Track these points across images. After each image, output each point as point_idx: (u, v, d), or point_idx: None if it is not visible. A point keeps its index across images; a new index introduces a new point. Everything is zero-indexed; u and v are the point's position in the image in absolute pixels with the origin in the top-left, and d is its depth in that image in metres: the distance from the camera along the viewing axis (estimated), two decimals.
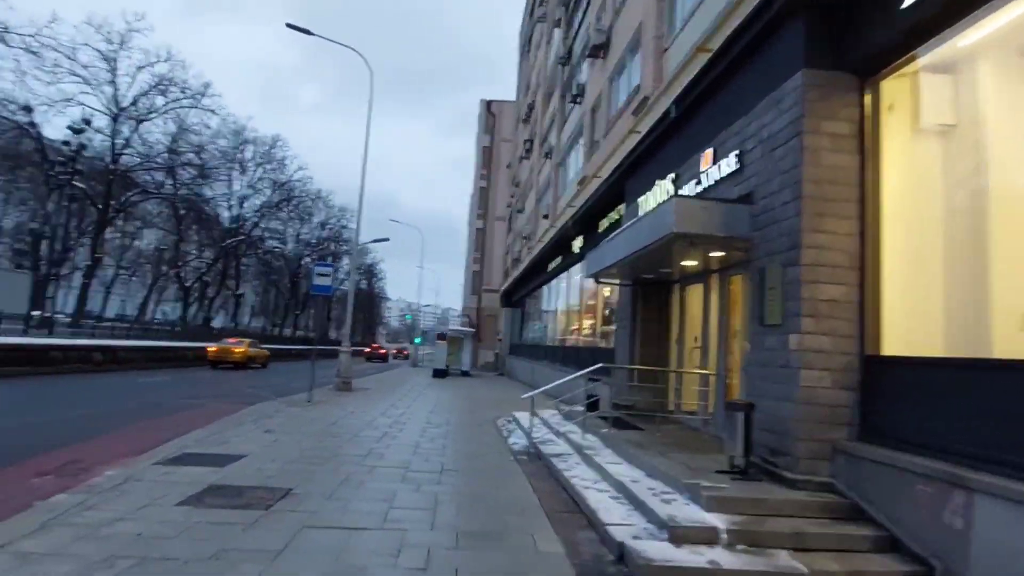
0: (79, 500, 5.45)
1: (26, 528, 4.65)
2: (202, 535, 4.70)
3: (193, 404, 14.08)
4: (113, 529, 4.73)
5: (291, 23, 18.62)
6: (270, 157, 43.81)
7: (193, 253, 43.53)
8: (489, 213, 51.15)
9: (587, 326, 18.71)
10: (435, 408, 15.13)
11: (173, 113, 31.49)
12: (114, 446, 8.73)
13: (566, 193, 23.34)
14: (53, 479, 6.58)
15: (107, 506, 5.32)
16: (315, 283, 14.66)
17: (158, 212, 45.59)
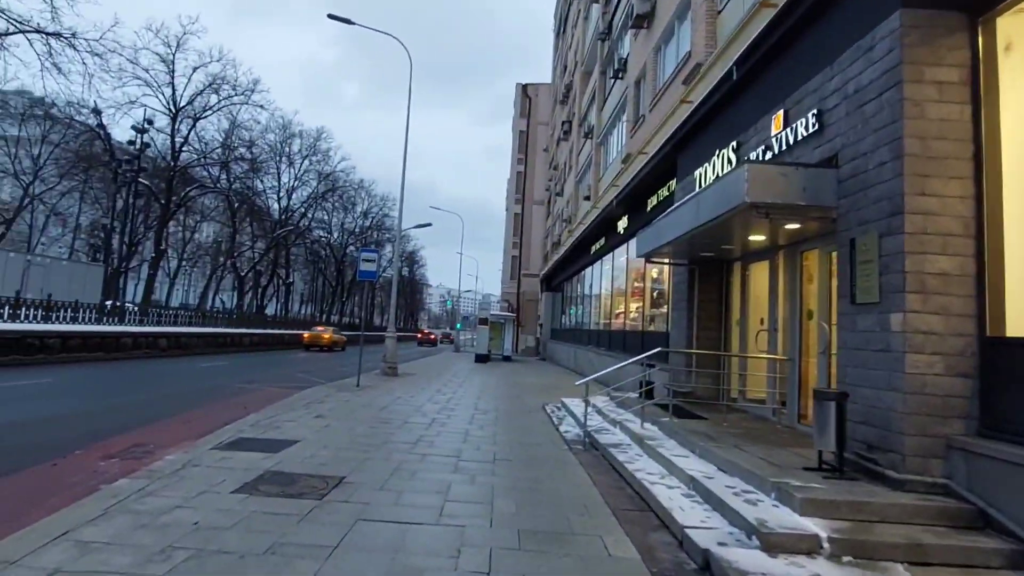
0: (141, 486, 5.25)
1: (90, 514, 4.48)
2: (257, 526, 4.40)
3: (248, 388, 13.90)
4: (172, 517, 4.49)
5: (332, 14, 18.32)
6: (315, 149, 44.06)
7: (246, 244, 44.10)
8: (527, 197, 50.40)
9: (634, 309, 17.95)
10: (481, 394, 14.65)
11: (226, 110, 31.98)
12: (175, 430, 8.55)
13: (608, 173, 22.50)
14: (118, 462, 6.52)
15: (167, 492, 5.13)
16: (361, 269, 14.28)
17: (215, 207, 46.39)
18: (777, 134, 7.50)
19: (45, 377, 14.06)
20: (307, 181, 44.25)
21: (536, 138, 50.44)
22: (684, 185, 11.09)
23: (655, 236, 9.70)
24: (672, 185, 13.06)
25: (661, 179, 13.85)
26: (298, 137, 43.30)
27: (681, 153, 11.65)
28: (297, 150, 43.69)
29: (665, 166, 13.03)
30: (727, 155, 9.09)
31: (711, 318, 10.74)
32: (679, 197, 11.33)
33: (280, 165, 43.48)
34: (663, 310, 15.06)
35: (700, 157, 10.45)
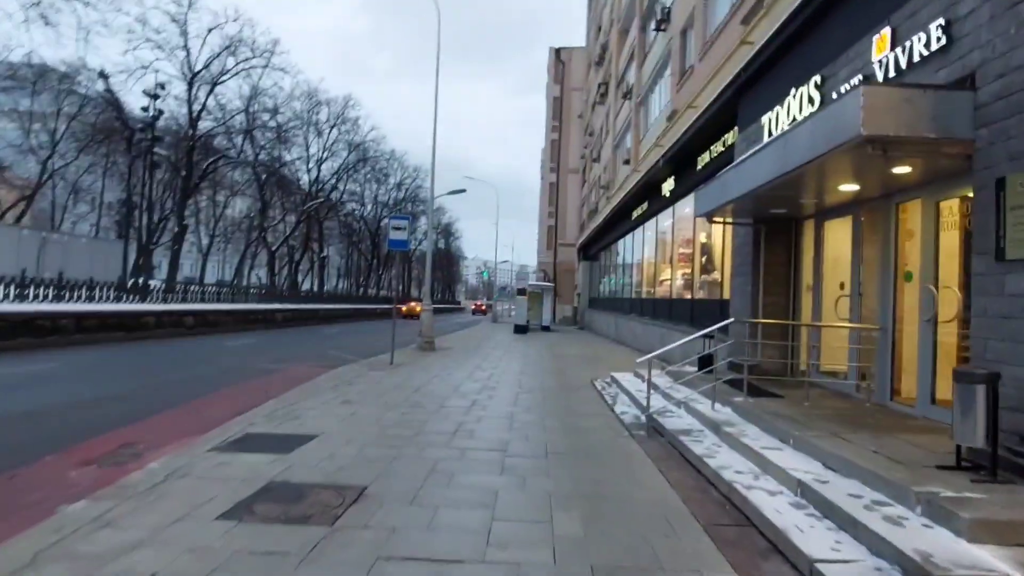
0: (101, 511, 4.12)
1: (11, 563, 3.32)
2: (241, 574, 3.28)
3: (274, 369, 13.13)
4: (122, 565, 3.34)
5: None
6: (344, 118, 42.86)
7: (277, 218, 43.57)
8: (562, 166, 48.76)
9: (680, 276, 16.62)
10: (523, 368, 13.62)
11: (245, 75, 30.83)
12: (179, 422, 7.67)
13: (650, 134, 20.96)
14: (95, 471, 5.42)
15: (132, 520, 3.97)
16: (392, 238, 13.27)
17: (245, 181, 45.96)
18: (881, 58, 6.09)
19: (51, 362, 13.19)
20: (336, 152, 43.24)
21: (570, 104, 48.55)
22: (748, 134, 9.69)
23: (719, 192, 8.39)
24: (730, 138, 11.64)
25: (716, 133, 12.41)
26: (325, 105, 42.17)
27: (743, 99, 10.22)
28: (325, 119, 42.59)
29: (722, 117, 11.59)
30: (806, 93, 7.68)
31: (778, 283, 9.42)
32: (741, 149, 9.95)
33: (308, 135, 42.48)
34: (714, 276, 13.74)
35: (768, 100, 9.03)
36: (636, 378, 10.81)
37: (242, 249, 51.39)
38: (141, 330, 20.07)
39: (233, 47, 29.07)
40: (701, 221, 14.78)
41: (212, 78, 29.05)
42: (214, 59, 29.10)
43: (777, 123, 8.48)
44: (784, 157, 6.02)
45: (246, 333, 23.87)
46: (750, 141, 9.57)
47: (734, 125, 11.30)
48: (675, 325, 15.53)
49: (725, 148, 11.93)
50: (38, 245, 24.54)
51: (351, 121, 43.84)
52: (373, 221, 54.59)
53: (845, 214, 8.04)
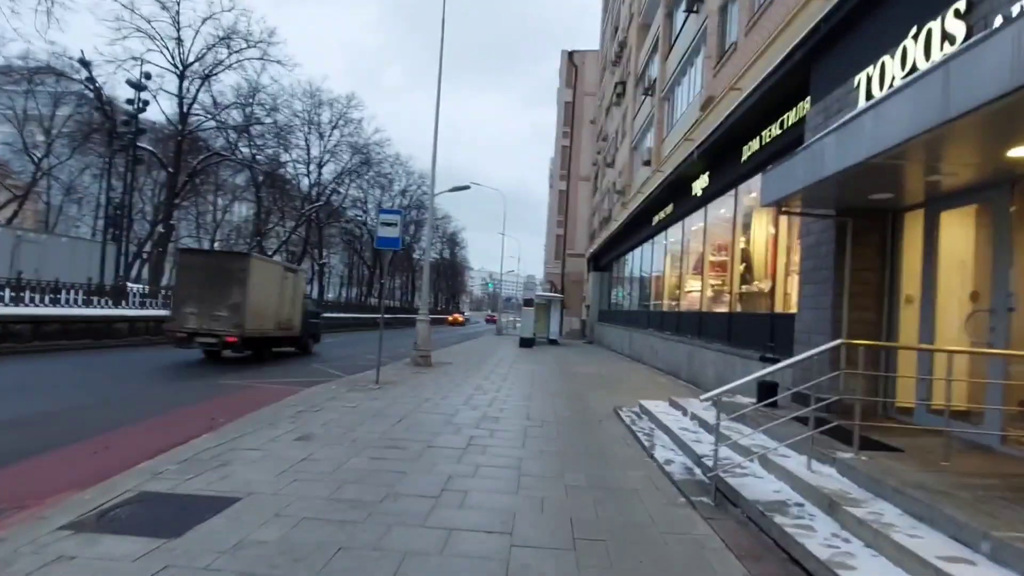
0: None
1: None
2: None
3: (241, 386, 11.05)
4: None
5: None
6: (347, 118, 40.83)
7: (275, 222, 41.59)
8: (572, 173, 46.81)
9: (712, 286, 14.49)
10: (532, 391, 11.48)
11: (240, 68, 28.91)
12: (65, 466, 5.66)
13: (676, 129, 18.91)
14: None
15: None
16: (380, 235, 11.20)
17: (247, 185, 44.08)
18: None
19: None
20: (339, 155, 41.15)
21: (583, 110, 46.67)
22: (831, 102, 7.58)
23: (809, 169, 6.23)
24: (791, 117, 9.57)
25: (770, 113, 10.33)
26: (328, 107, 40.15)
27: (819, 63, 8.13)
28: (327, 120, 40.60)
29: (781, 92, 9.55)
30: (938, 29, 5.58)
31: (868, 294, 7.27)
32: (816, 124, 7.86)
33: (309, 136, 40.49)
34: (758, 286, 11.63)
35: (860, 57, 6.95)
36: (673, 408, 8.67)
37: None
38: (113, 337, 18.08)
39: (228, 38, 27.25)
40: (741, 222, 12.71)
41: (205, 70, 27.22)
42: (208, 51, 27.26)
43: (883, 80, 6.38)
44: (946, 103, 3.92)
45: None
46: (830, 112, 7.49)
47: (798, 100, 9.24)
48: (706, 343, 13.38)
49: (784, 129, 9.85)
50: (11, 244, 22.55)
51: (355, 122, 41.89)
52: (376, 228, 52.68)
53: (975, 200, 5.94)
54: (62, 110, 32.96)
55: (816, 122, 7.84)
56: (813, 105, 8.15)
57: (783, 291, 10.23)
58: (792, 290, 9.86)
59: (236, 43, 27.68)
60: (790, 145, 9.72)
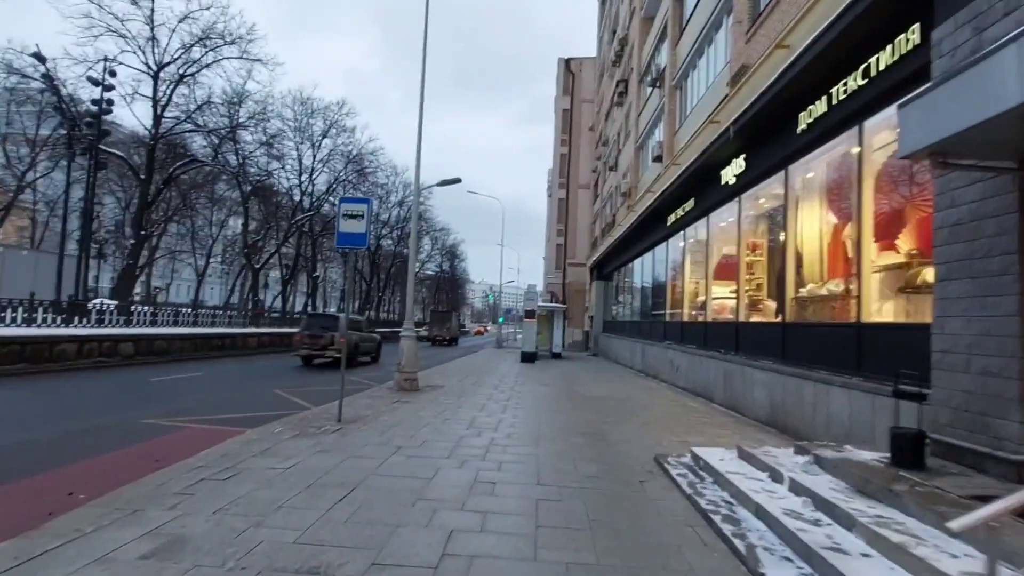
0: None
1: None
2: None
3: (161, 428, 8.18)
4: None
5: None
6: (339, 126, 38.06)
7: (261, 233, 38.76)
8: (572, 181, 44.20)
9: (752, 291, 11.73)
10: (540, 427, 8.64)
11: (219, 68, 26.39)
12: None
13: (693, 116, 16.28)
14: None
15: None
16: (341, 230, 8.43)
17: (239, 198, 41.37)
18: None
19: None
20: (331, 164, 38.23)
21: (581, 117, 44.16)
22: (981, 21, 4.84)
23: (978, 95, 3.53)
24: (883, 60, 6.84)
25: (846, 63, 7.63)
26: (320, 116, 37.38)
27: None
28: (320, 131, 37.88)
29: (864, 28, 6.86)
30: None
31: None
32: (953, 45, 5.13)
33: (300, 146, 37.76)
34: (820, 289, 8.87)
35: None
36: (749, 463, 5.84)
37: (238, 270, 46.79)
38: (55, 360, 15.18)
39: (206, 37, 24.54)
40: (794, 210, 9.95)
41: (179, 71, 24.65)
42: (184, 51, 24.52)
43: None
44: None
45: (202, 363, 18.88)
46: (988, 19, 4.76)
47: (896, 33, 6.54)
48: (749, 359, 10.61)
49: (872, 77, 7.12)
50: None
51: (348, 131, 39.16)
52: (373, 240, 49.85)
53: None
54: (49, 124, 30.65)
55: (957, 41, 5.11)
56: (941, 23, 5.41)
57: (873, 293, 7.45)
58: (870, 291, 7.10)
59: (214, 41, 25.06)
60: (881, 97, 7.01)
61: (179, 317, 21.74)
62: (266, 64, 27.82)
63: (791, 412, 8.70)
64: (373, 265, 51.84)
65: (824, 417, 7.75)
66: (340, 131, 38.40)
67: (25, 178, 32.72)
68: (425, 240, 60.00)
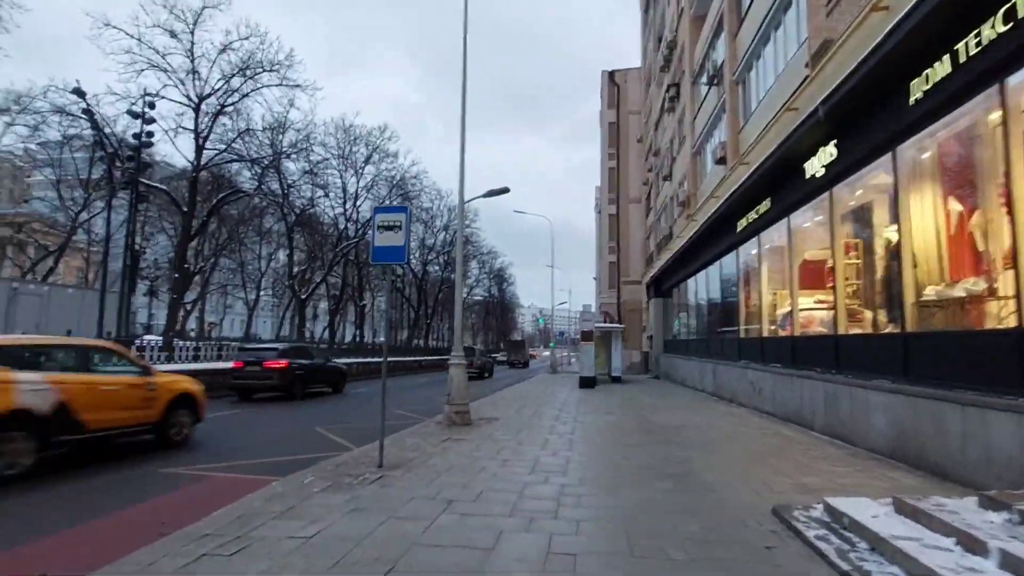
0: None
1: None
2: None
3: (192, 476, 7.28)
4: None
5: None
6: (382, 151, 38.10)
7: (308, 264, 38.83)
8: (622, 196, 42.83)
9: (850, 297, 10.15)
10: (618, 467, 7.32)
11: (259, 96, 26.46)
12: None
13: (761, 109, 14.91)
14: None
15: None
16: (377, 244, 7.45)
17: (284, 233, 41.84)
18: None
19: None
20: (375, 190, 38.22)
21: (628, 129, 42.95)
22: None
23: None
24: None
25: (971, 15, 6.23)
26: (362, 142, 37.49)
27: None
28: (363, 158, 37.99)
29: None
30: None
31: None
32: None
33: (344, 174, 37.83)
34: (972, 287, 7.32)
35: None
36: (910, 521, 4.40)
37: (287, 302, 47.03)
38: None
39: (246, 67, 24.88)
40: (910, 198, 8.43)
41: (220, 102, 24.99)
42: (225, 82, 24.93)
43: None
44: None
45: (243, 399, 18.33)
46: None
47: None
48: (859, 378, 9.03)
49: (1016, 22, 5.70)
50: (6, 296, 19.94)
51: (391, 156, 39.16)
52: (419, 265, 49.58)
53: None
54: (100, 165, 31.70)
55: None
56: None
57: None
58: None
59: (253, 69, 25.35)
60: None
61: (222, 352, 21.30)
62: (305, 89, 27.79)
63: (927, 444, 7.11)
64: (420, 291, 51.45)
65: (980, 451, 6.18)
66: (383, 156, 38.51)
67: (78, 219, 33.85)
68: (472, 264, 59.41)
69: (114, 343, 11.38)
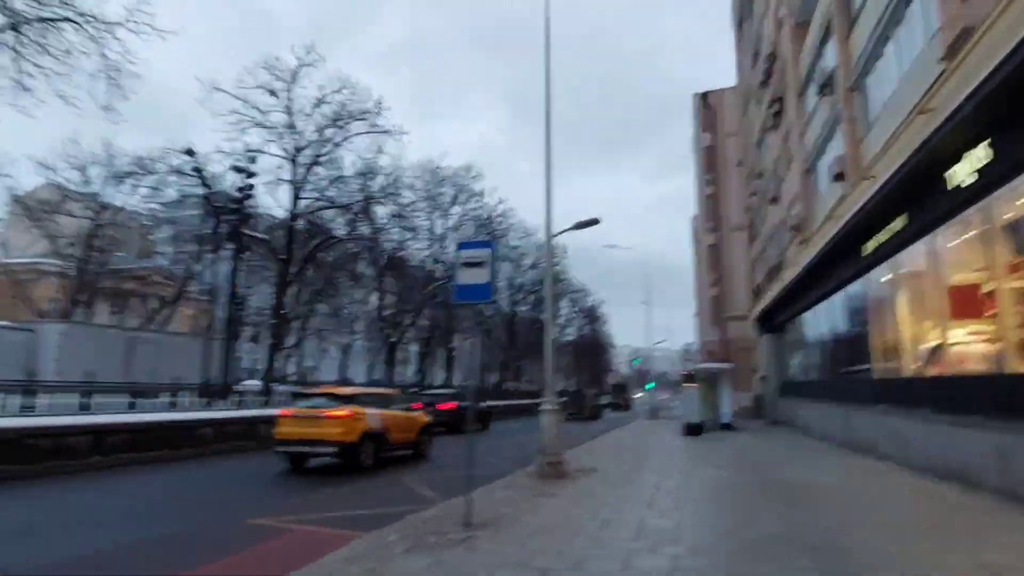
0: None
1: None
2: None
3: (270, 530, 7.09)
4: None
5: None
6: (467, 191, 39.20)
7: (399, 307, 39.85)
8: (722, 224, 41.13)
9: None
10: (742, 537, 6.37)
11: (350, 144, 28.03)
12: None
13: (885, 115, 13.66)
14: None
15: None
16: (460, 282, 7.12)
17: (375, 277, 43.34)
18: None
19: None
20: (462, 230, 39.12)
21: (725, 153, 41.49)
22: None
23: None
24: None
25: None
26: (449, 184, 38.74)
27: None
28: (449, 199, 39.16)
29: None
30: None
31: None
32: None
33: (432, 215, 38.98)
34: None
35: None
36: None
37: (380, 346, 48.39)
38: (194, 445, 15.38)
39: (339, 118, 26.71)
40: None
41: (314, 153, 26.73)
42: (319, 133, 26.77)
43: None
44: None
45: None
46: None
47: None
48: None
49: None
50: (125, 345, 21.75)
51: (477, 195, 40.10)
52: (508, 305, 49.63)
53: None
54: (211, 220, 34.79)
55: None
56: None
57: None
58: None
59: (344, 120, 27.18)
60: None
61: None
62: (392, 134, 29.28)
63: None
64: (510, 332, 51.41)
65: None
66: (469, 196, 39.42)
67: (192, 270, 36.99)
68: (563, 303, 58.89)
69: (396, 390, 18.06)
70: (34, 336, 23.11)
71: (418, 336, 44.63)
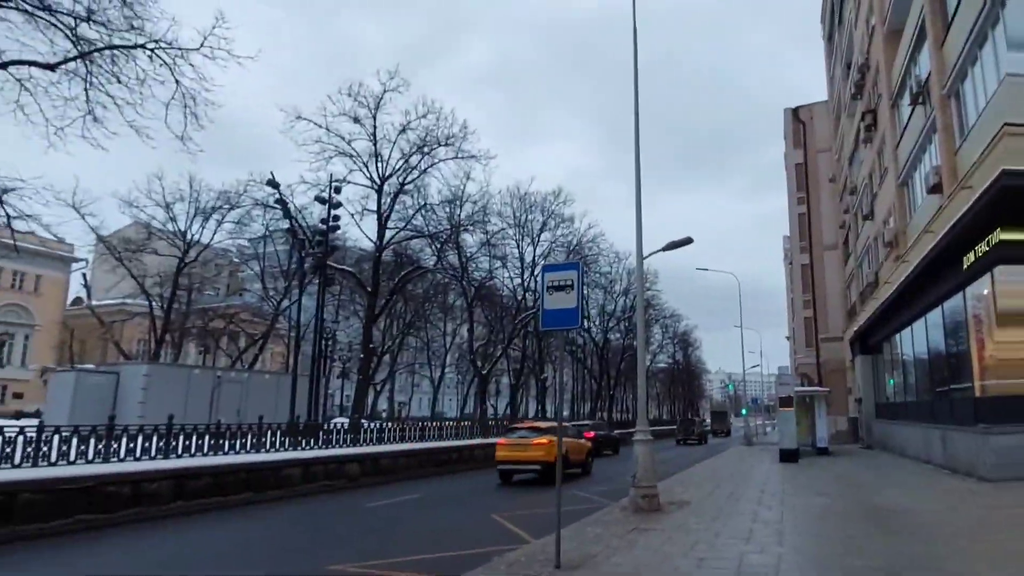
0: None
1: None
2: None
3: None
4: None
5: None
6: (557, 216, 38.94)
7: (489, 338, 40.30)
8: (814, 243, 39.34)
9: None
10: (848, 573, 6.15)
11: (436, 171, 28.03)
12: None
13: (981, 124, 12.97)
14: None
15: None
16: (547, 308, 7.31)
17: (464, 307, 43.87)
18: None
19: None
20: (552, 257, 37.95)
21: (817, 169, 39.87)
22: None
23: None
24: None
25: None
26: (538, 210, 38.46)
27: None
28: (539, 225, 38.84)
29: None
30: None
31: None
32: None
33: (521, 243, 38.91)
34: None
35: None
36: None
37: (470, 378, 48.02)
38: (281, 487, 15.05)
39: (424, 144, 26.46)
40: None
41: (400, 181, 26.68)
42: (404, 160, 26.58)
43: None
44: None
45: (426, 480, 18.60)
46: None
47: None
48: None
49: None
50: (212, 385, 23.05)
51: (567, 220, 39.78)
52: (599, 333, 49.14)
53: None
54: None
55: None
56: None
57: None
58: None
59: (430, 146, 26.94)
60: None
61: (406, 432, 22.16)
62: (480, 159, 28.71)
63: None
64: (602, 360, 50.92)
65: None
66: (559, 222, 39.23)
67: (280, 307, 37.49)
68: (654, 329, 57.81)
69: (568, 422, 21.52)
70: (118, 378, 23.69)
71: (510, 367, 44.86)
